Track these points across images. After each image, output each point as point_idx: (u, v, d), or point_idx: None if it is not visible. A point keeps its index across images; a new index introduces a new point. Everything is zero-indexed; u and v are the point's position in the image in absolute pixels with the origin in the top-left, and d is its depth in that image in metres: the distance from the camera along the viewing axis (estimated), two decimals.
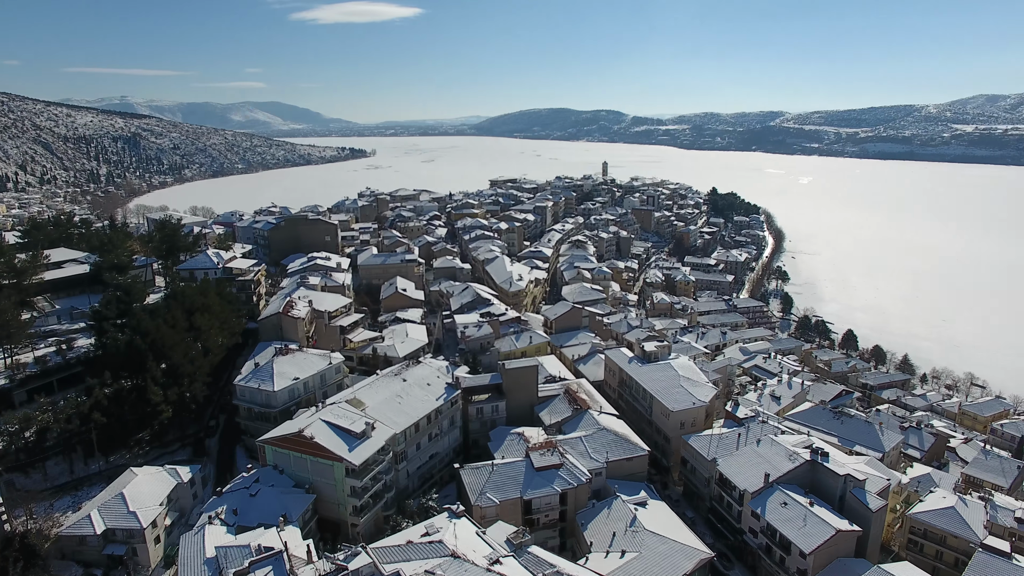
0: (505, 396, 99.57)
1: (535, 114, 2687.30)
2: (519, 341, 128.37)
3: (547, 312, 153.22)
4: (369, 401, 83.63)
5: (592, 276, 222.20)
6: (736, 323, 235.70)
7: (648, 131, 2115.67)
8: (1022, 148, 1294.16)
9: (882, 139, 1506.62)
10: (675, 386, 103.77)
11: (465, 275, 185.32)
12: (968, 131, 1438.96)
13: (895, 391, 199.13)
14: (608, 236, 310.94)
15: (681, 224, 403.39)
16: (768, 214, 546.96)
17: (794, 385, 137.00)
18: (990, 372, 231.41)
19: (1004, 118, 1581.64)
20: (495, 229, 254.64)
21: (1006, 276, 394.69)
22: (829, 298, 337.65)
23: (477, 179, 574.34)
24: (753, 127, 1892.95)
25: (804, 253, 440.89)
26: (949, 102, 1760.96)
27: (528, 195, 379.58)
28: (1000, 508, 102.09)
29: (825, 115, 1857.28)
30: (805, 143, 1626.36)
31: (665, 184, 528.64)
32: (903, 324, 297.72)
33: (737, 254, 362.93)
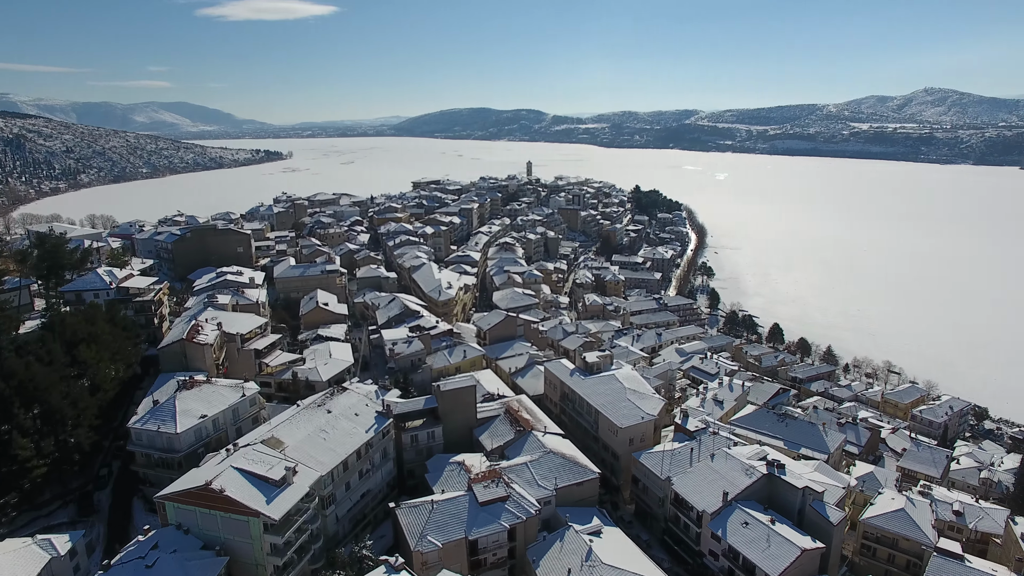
0: (441, 421, 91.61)
1: (456, 114, 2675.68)
2: (452, 356, 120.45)
3: (480, 322, 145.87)
4: (289, 439, 73.78)
5: (523, 280, 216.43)
6: (668, 322, 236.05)
7: (568, 130, 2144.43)
8: (909, 145, 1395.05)
9: (789, 136, 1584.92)
10: (621, 400, 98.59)
11: (391, 284, 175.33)
12: (864, 129, 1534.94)
13: (822, 383, 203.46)
14: (536, 237, 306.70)
15: (607, 223, 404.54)
16: (690, 210, 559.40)
17: (735, 387, 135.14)
18: (903, 358, 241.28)
19: (893, 117, 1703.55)
20: (420, 234, 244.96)
21: (907, 265, 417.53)
22: (753, 292, 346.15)
23: (399, 181, 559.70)
24: (670, 125, 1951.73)
25: (726, 248, 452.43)
26: (846, 102, 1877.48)
27: (452, 197, 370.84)
28: (939, 502, 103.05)
29: (737, 113, 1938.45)
30: (719, 140, 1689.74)
31: (590, 183, 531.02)
32: (822, 315, 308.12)
33: (663, 251, 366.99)
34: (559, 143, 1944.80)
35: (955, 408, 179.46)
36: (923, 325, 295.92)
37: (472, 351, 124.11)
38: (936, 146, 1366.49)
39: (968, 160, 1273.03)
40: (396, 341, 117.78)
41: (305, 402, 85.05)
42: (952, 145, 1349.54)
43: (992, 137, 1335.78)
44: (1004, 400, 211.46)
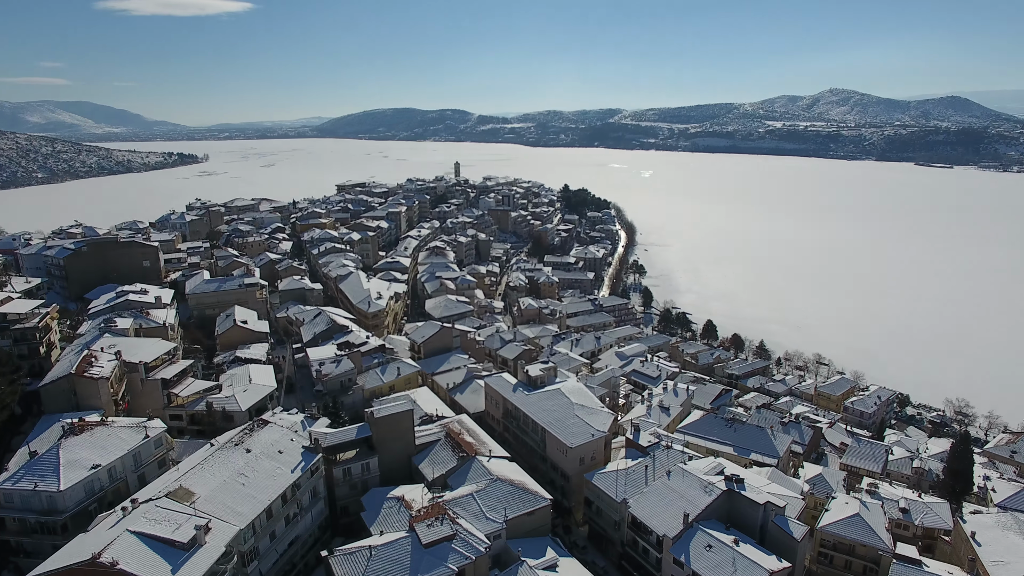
0: (376, 451, 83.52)
1: (380, 114, 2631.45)
2: (386, 374, 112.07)
3: (414, 334, 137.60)
4: (201, 488, 64.13)
5: (456, 286, 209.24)
6: (604, 323, 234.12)
7: (494, 129, 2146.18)
8: (819, 142, 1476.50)
9: (709, 134, 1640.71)
10: (569, 416, 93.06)
11: (316, 296, 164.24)
12: (778, 127, 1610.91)
13: (758, 378, 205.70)
14: (467, 240, 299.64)
15: (538, 223, 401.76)
16: (618, 208, 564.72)
17: (679, 391, 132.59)
18: (829, 349, 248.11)
19: (803, 116, 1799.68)
20: (347, 240, 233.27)
21: (825, 257, 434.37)
22: (685, 288, 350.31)
23: (323, 184, 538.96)
24: (594, 124, 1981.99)
25: (656, 245, 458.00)
26: (761, 101, 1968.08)
27: (379, 200, 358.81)
28: (886, 500, 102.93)
29: (659, 112, 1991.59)
30: (643, 138, 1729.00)
31: (518, 183, 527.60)
32: (752, 309, 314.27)
33: (595, 250, 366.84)
34: (485, 143, 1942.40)
35: (882, 398, 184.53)
36: (845, 316, 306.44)
37: (407, 367, 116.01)
38: (843, 143, 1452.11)
39: (871, 156, 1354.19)
40: (323, 361, 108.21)
41: (221, 440, 75.12)
42: (857, 142, 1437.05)
43: (891, 135, 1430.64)
44: (921, 386, 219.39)
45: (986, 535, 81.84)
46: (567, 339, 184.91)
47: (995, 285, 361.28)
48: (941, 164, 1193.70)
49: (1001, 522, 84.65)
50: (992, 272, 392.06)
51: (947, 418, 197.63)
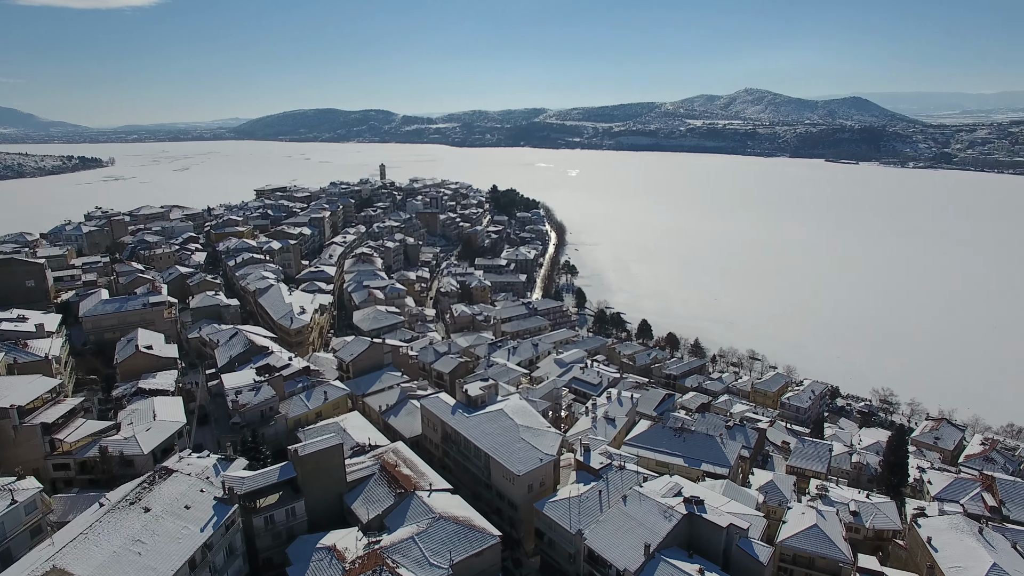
0: (303, 492, 74.30)
1: (301, 115, 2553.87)
2: (311, 400, 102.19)
3: (341, 352, 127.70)
4: (83, 566, 53.61)
5: (385, 295, 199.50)
6: (540, 327, 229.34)
7: (419, 130, 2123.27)
8: (737, 140, 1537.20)
9: (633, 133, 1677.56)
10: (514, 440, 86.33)
11: (233, 313, 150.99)
12: (698, 125, 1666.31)
13: (695, 378, 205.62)
14: (394, 245, 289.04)
15: (467, 225, 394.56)
16: (547, 208, 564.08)
17: (624, 400, 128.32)
18: (761, 343, 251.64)
19: (721, 114, 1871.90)
20: (266, 249, 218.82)
21: (751, 251, 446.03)
22: (617, 287, 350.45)
23: (241, 189, 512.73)
24: (520, 123, 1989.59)
25: (586, 244, 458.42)
26: (681, 100, 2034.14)
27: (301, 205, 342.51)
28: (837, 503, 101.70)
29: (583, 111, 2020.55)
30: (568, 138, 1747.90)
31: (446, 184, 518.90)
32: (683, 307, 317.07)
33: (526, 251, 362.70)
34: (410, 143, 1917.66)
35: (816, 392, 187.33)
36: (772, 309, 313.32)
37: (334, 391, 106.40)
38: (759, 141, 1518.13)
39: (785, 153, 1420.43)
40: (240, 389, 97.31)
41: (113, 497, 64.16)
42: (772, 140, 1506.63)
43: (802, 133, 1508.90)
44: (848, 376, 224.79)
45: (942, 539, 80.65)
46: (503, 347, 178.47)
47: (909, 275, 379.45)
48: (848, 160, 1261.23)
49: (954, 524, 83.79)
50: (905, 262, 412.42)
51: (874, 407, 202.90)
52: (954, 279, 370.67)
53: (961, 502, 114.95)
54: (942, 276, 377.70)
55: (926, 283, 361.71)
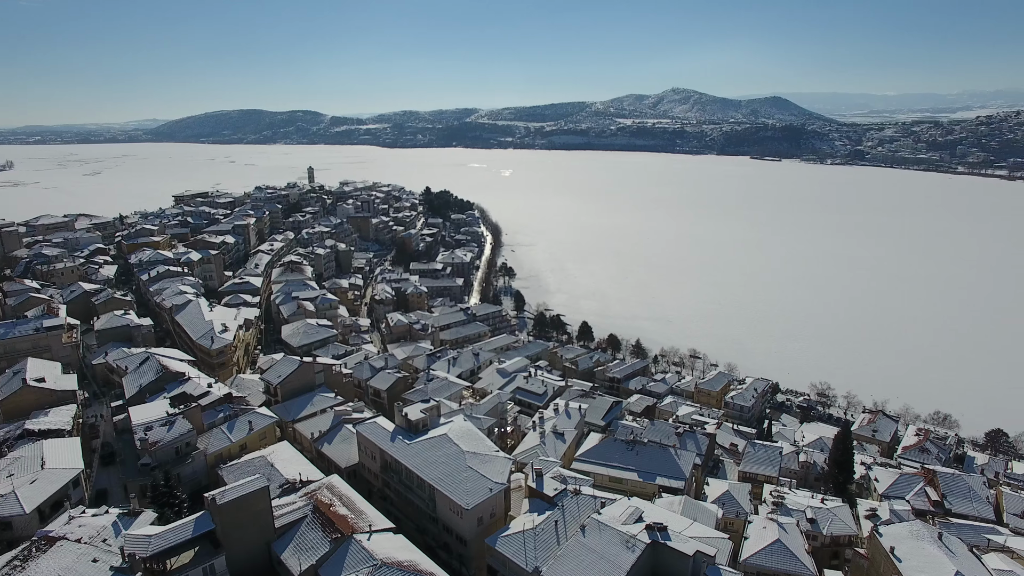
0: (223, 547, 65.50)
1: (224, 116, 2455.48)
2: (234, 431, 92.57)
3: (269, 373, 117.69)
4: None
5: (316, 307, 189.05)
6: (480, 333, 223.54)
7: (349, 131, 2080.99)
8: (666, 138, 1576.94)
9: (564, 132, 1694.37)
10: (461, 469, 79.73)
11: (147, 334, 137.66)
12: (628, 124, 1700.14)
13: (639, 380, 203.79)
14: (325, 251, 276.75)
15: (401, 228, 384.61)
16: (482, 209, 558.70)
17: (571, 412, 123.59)
18: (700, 341, 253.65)
19: (650, 113, 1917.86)
20: (184, 261, 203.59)
21: (684, 248, 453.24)
22: (555, 288, 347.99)
23: (158, 195, 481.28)
24: (451, 124, 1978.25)
25: (522, 245, 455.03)
26: (611, 99, 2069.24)
27: (225, 211, 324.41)
28: (794, 511, 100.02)
29: (515, 111, 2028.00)
30: (500, 137, 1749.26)
31: (378, 187, 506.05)
32: (622, 306, 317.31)
33: (462, 254, 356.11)
34: (340, 145, 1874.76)
35: (759, 389, 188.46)
36: (708, 306, 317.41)
37: (260, 419, 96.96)
38: (687, 139, 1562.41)
39: (712, 151, 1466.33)
40: (151, 424, 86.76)
41: None
42: (699, 138, 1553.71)
43: (728, 131, 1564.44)
44: (786, 371, 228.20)
45: (904, 548, 78.95)
46: (443, 358, 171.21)
47: (834, 268, 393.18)
48: (771, 157, 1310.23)
49: (914, 531, 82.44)
50: (830, 256, 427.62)
51: (812, 402, 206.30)
52: (875, 271, 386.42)
53: (907, 498, 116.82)
54: (864, 269, 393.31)
55: (850, 276, 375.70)
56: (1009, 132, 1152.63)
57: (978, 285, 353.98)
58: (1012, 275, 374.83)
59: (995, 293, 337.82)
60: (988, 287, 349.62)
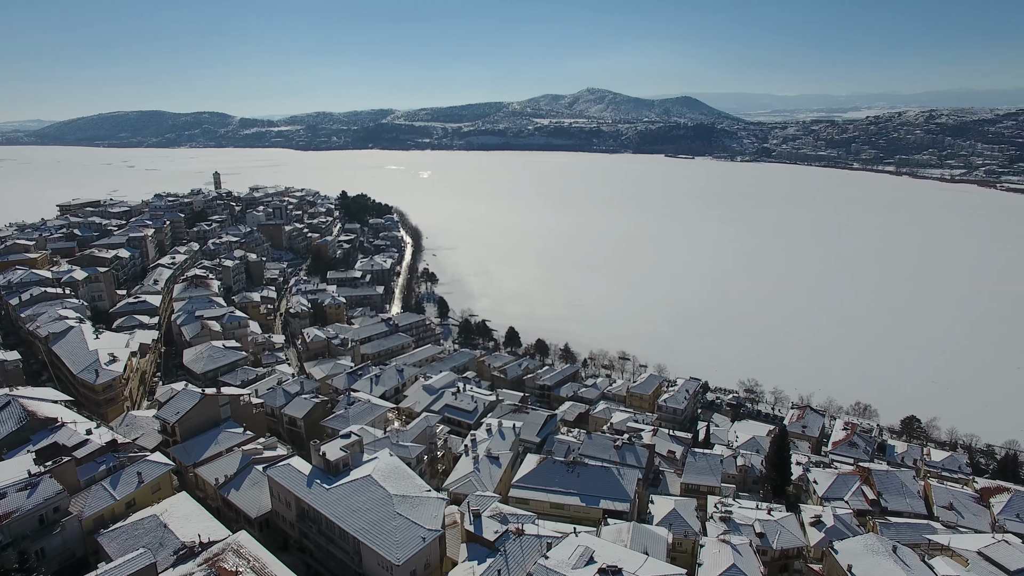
0: None
1: (121, 118, 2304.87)
2: (120, 486, 78.89)
3: (165, 410, 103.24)
4: None
5: (223, 326, 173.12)
6: (403, 345, 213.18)
7: (260, 133, 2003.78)
8: (583, 137, 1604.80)
9: (482, 132, 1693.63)
10: (389, 516, 70.28)
11: (12, 371, 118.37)
12: (545, 124, 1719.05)
13: (570, 386, 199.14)
14: (234, 263, 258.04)
15: (316, 235, 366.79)
16: (401, 213, 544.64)
17: (505, 432, 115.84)
18: (627, 342, 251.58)
19: (566, 113, 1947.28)
20: (67, 281, 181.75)
21: (605, 247, 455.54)
22: (479, 293, 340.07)
23: (41, 205, 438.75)
24: (367, 125, 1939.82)
25: (443, 249, 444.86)
26: (527, 99, 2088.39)
27: (119, 221, 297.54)
28: (742, 525, 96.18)
29: (431, 112, 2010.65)
30: (417, 139, 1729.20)
31: (291, 192, 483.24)
32: (548, 308, 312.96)
33: (381, 261, 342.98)
34: (250, 148, 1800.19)
35: (690, 390, 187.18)
36: (632, 305, 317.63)
37: (153, 468, 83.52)
38: (604, 138, 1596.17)
39: (628, 149, 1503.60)
40: (4, 490, 72.15)
41: None
42: (615, 137, 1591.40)
43: (643, 130, 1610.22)
44: (714, 369, 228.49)
45: (862, 566, 75.71)
46: (365, 375, 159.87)
47: (752, 263, 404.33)
48: (685, 155, 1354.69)
49: (869, 546, 79.56)
50: (748, 252, 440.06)
51: (741, 399, 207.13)
52: (788, 265, 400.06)
53: (846, 499, 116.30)
54: (779, 263, 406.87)
55: (765, 270, 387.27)
56: (894, 131, 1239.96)
57: (883, 276, 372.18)
58: (911, 265, 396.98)
59: (901, 283, 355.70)
60: (892, 277, 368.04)
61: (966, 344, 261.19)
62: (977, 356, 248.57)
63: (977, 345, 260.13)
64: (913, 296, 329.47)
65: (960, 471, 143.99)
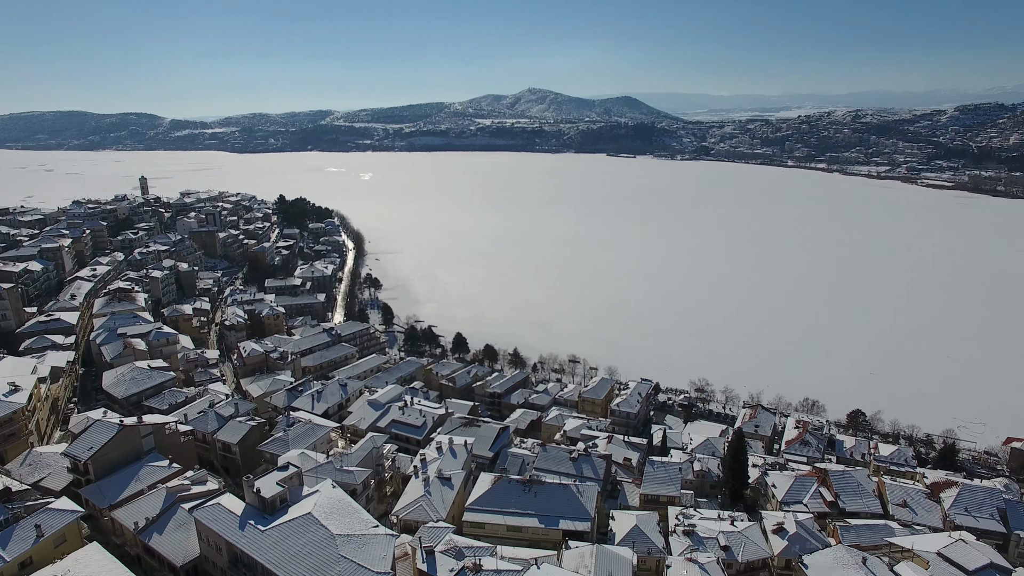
0: None
1: (36, 118, 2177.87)
2: (11, 544, 68.23)
3: (77, 445, 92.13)
4: None
5: (149, 344, 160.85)
6: (346, 356, 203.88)
7: (192, 135, 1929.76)
8: (526, 137, 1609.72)
9: (424, 133, 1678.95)
10: (332, 560, 63.01)
11: None
12: (487, 124, 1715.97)
13: (520, 392, 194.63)
14: (163, 274, 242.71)
15: (253, 242, 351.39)
16: (342, 216, 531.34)
17: (456, 450, 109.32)
18: (576, 344, 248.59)
19: (508, 113, 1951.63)
20: None
21: (548, 247, 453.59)
22: (425, 298, 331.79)
23: None
24: (305, 126, 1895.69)
25: (387, 253, 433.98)
26: (469, 100, 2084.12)
27: (31, 231, 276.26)
28: (706, 538, 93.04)
29: (372, 112, 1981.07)
30: (358, 140, 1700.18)
31: (225, 196, 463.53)
32: (495, 312, 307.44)
33: (322, 267, 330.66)
34: (183, 151, 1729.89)
35: (643, 393, 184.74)
36: (581, 306, 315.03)
37: (56, 518, 73.46)
38: (546, 138, 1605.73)
39: (571, 149, 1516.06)
40: None
41: None
42: (558, 137, 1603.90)
43: (584, 130, 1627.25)
44: (664, 369, 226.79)
45: None
46: (306, 391, 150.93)
47: (696, 260, 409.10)
48: (626, 154, 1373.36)
49: (839, 559, 77.45)
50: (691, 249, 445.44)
51: (693, 399, 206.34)
52: (731, 261, 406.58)
53: (804, 502, 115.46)
54: (721, 259, 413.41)
55: (709, 267, 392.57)
56: (824, 130, 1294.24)
57: (822, 271, 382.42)
58: (847, 259, 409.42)
59: (839, 277, 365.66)
60: (829, 272, 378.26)
61: (899, 335, 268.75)
62: (910, 347, 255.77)
63: (910, 336, 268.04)
64: (851, 289, 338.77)
65: (907, 464, 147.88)
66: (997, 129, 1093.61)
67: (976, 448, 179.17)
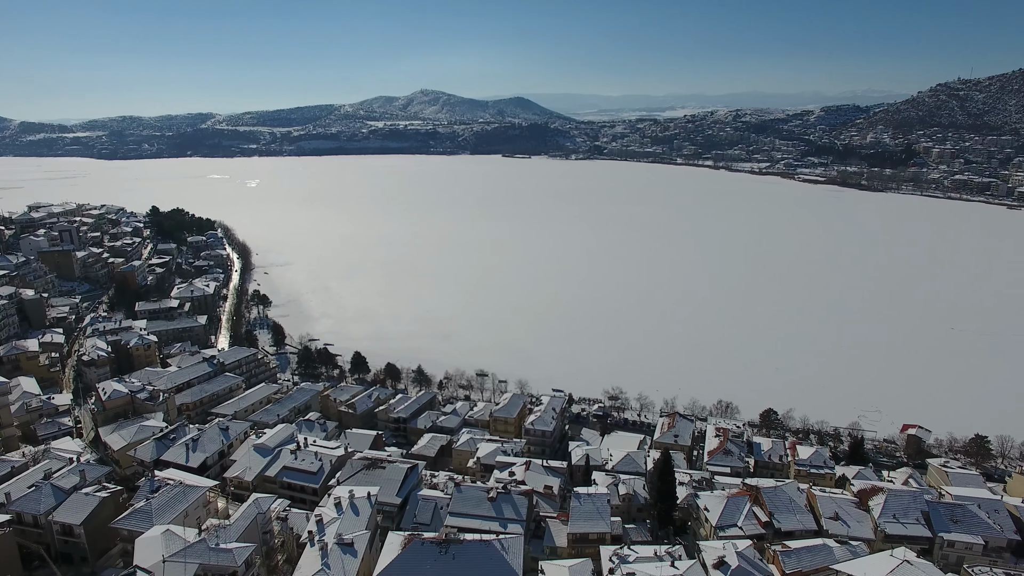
0: None
1: None
2: None
3: None
4: None
5: None
6: (231, 387, 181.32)
7: (49, 140, 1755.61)
8: (420, 140, 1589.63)
9: (314, 137, 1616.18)
10: None
11: None
12: (380, 127, 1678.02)
13: (428, 415, 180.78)
14: (2, 303, 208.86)
15: (120, 260, 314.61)
16: (226, 228, 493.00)
17: (359, 504, 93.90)
18: (481, 356, 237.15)
19: (400, 115, 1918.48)
20: None
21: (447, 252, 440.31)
22: (319, 313, 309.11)
23: None
24: (184, 131, 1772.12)
25: (276, 265, 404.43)
26: (360, 102, 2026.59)
27: None
28: None
29: (257, 115, 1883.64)
30: (243, 144, 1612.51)
31: (86, 209, 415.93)
32: (395, 324, 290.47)
33: (203, 285, 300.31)
34: (38, 157, 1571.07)
35: (556, 408, 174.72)
36: (484, 313, 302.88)
37: None
38: (441, 140, 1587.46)
39: (466, 151, 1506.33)
40: None
41: None
42: (452, 139, 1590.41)
43: (479, 131, 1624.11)
44: (575, 377, 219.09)
45: None
46: (180, 440, 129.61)
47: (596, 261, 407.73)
48: (521, 155, 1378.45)
49: None
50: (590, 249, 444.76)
51: (607, 408, 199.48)
52: (634, 262, 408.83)
53: (739, 524, 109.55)
54: (620, 258, 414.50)
55: (609, 267, 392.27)
56: (708, 129, 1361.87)
57: (723, 265, 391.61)
58: (739, 255, 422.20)
59: (737, 275, 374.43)
60: (731, 266, 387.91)
61: (796, 330, 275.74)
62: (808, 340, 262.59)
63: (806, 330, 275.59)
64: (751, 285, 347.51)
65: (826, 465, 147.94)
66: (856, 128, 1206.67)
67: (876, 437, 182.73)
